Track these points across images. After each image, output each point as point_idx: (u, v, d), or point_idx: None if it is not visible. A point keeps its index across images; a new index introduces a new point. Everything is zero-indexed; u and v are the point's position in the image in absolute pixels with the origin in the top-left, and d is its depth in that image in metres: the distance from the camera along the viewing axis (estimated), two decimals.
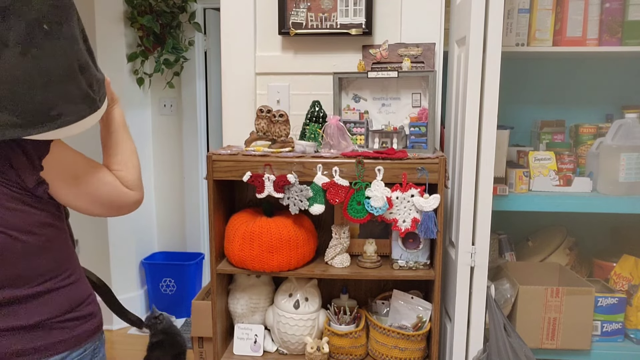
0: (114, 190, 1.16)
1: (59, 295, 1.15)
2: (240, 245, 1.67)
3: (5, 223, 1.03)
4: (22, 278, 1.09)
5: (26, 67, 0.95)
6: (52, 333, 1.13)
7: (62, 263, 1.16)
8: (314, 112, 1.79)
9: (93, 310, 1.22)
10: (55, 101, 0.99)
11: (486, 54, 1.51)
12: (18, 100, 0.95)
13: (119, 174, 1.19)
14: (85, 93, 1.04)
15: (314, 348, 1.68)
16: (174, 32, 3.29)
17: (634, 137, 1.79)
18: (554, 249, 2.08)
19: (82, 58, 1.04)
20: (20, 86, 0.95)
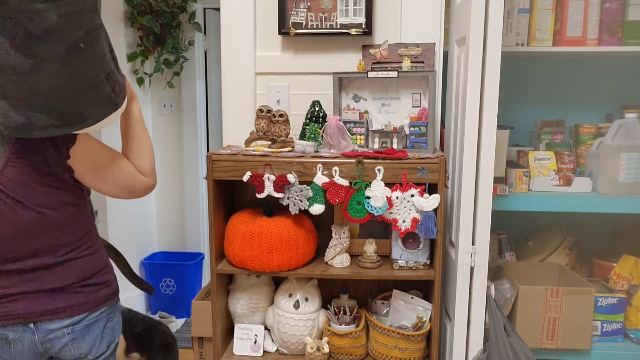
0: (130, 177, 1.35)
1: (79, 264, 1.34)
2: (240, 245, 1.67)
3: (35, 202, 1.23)
4: (48, 248, 1.29)
5: (62, 80, 1.12)
6: (73, 296, 1.34)
7: (83, 236, 1.35)
8: (314, 112, 1.79)
9: (108, 279, 1.42)
10: (84, 107, 1.18)
11: (486, 54, 1.51)
12: (55, 106, 1.14)
13: (135, 162, 1.37)
14: (108, 97, 1.22)
15: (314, 348, 1.68)
16: (174, 32, 3.29)
17: (634, 137, 1.79)
18: (554, 249, 2.08)
19: (108, 68, 1.20)
20: (57, 95, 1.13)
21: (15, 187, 1.21)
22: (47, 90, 1.12)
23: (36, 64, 1.08)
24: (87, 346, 1.37)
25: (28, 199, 1.23)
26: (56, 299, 1.32)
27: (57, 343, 1.34)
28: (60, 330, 1.33)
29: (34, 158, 1.22)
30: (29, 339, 1.33)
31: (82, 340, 1.37)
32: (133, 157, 1.38)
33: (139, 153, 1.39)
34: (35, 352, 1.35)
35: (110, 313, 1.43)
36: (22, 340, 1.33)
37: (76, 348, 1.36)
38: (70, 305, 1.34)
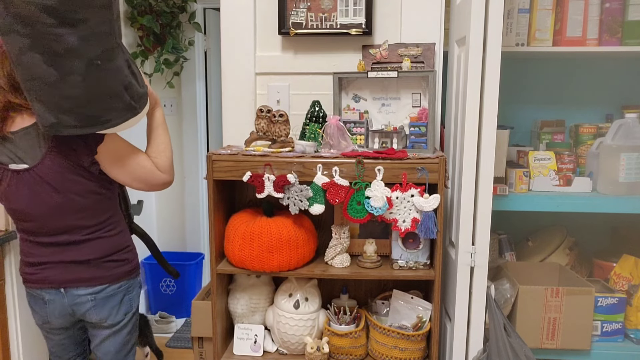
0: (148, 172, 1.60)
1: (102, 242, 1.60)
2: (240, 245, 1.67)
3: (66, 188, 1.51)
4: (76, 227, 1.56)
5: (84, 90, 1.37)
6: (96, 269, 1.60)
7: (106, 220, 1.61)
8: (314, 112, 1.79)
9: (128, 257, 1.67)
10: (105, 112, 1.42)
11: (486, 54, 1.51)
12: (78, 110, 1.39)
13: (155, 160, 1.63)
14: (128, 104, 1.46)
15: (314, 348, 1.68)
16: (174, 32, 3.29)
17: (634, 137, 1.79)
18: (554, 249, 2.08)
19: (125, 80, 1.44)
20: (80, 101, 1.38)
21: (51, 175, 1.49)
22: (72, 97, 1.37)
23: (61, 76, 1.34)
24: (106, 313, 1.63)
25: (60, 185, 1.50)
26: (82, 270, 1.59)
27: (82, 307, 1.61)
28: (85, 296, 1.60)
29: (68, 152, 1.48)
30: (60, 301, 1.61)
31: (102, 308, 1.63)
32: (153, 155, 1.64)
33: (158, 152, 1.65)
34: (65, 312, 1.63)
35: (129, 287, 1.68)
36: (54, 301, 1.61)
37: (97, 313, 1.62)
38: (94, 276, 1.60)
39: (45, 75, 1.34)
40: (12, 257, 2.00)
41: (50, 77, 1.34)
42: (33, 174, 1.49)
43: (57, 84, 1.34)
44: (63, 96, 1.36)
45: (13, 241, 1.99)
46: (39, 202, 1.51)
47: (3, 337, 1.98)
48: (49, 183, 1.49)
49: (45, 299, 1.62)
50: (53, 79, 1.34)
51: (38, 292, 1.62)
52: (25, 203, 1.51)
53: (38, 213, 1.52)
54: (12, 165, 1.49)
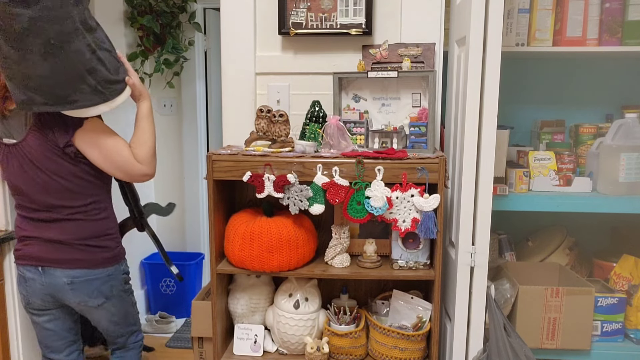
0: (125, 160, 1.66)
1: (83, 224, 1.67)
2: (240, 245, 1.67)
3: (48, 168, 1.61)
4: (59, 206, 1.65)
5: (45, 69, 1.45)
6: (75, 251, 1.66)
7: (89, 204, 1.68)
8: (314, 112, 1.79)
9: (110, 245, 1.73)
10: (70, 92, 1.50)
11: (486, 54, 1.51)
12: (44, 89, 1.47)
13: (134, 150, 1.68)
14: (94, 88, 1.52)
15: (314, 348, 1.68)
16: (174, 32, 3.29)
17: (634, 137, 1.79)
18: (554, 249, 2.08)
19: (88, 64, 1.49)
20: (45, 80, 1.46)
21: (34, 153, 1.60)
22: (35, 76, 1.46)
23: (22, 55, 1.43)
24: (84, 297, 1.70)
25: (43, 165, 1.61)
26: (61, 250, 1.66)
27: (60, 290, 1.67)
28: (61, 278, 1.66)
29: (47, 132, 1.58)
30: (39, 279, 1.67)
31: (80, 292, 1.68)
32: (134, 146, 1.69)
33: (139, 143, 1.69)
34: (43, 292, 1.68)
35: (110, 275, 1.74)
36: (34, 280, 1.68)
37: (75, 296, 1.69)
38: (72, 258, 1.66)
39: (9, 55, 1.44)
40: (12, 257, 1.99)
41: (13, 56, 1.43)
42: (19, 148, 1.62)
43: (21, 63, 1.44)
44: (27, 75, 1.46)
45: (13, 241, 1.99)
46: (27, 178, 1.64)
47: (3, 337, 1.98)
48: (31, 160, 1.62)
49: (26, 276, 1.69)
50: (15, 58, 1.43)
51: (21, 270, 1.71)
52: (15, 176, 1.66)
53: (26, 188, 1.65)
54: (5, 140, 1.65)
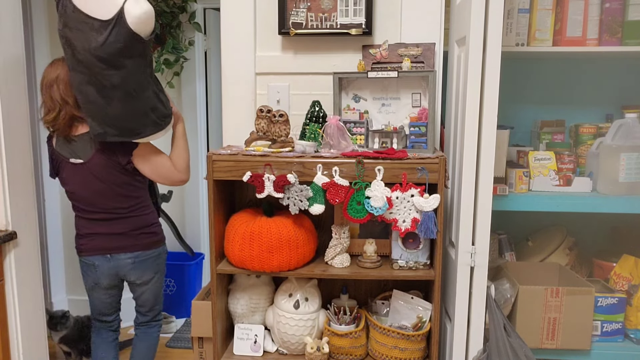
0: (168, 170, 2.11)
1: (135, 219, 2.13)
2: (240, 245, 1.67)
3: (107, 180, 2.04)
4: (115, 207, 2.08)
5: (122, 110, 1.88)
6: (132, 239, 2.13)
7: (137, 203, 2.12)
8: (314, 112, 1.79)
9: (156, 231, 2.22)
10: (137, 126, 1.94)
11: (486, 54, 1.51)
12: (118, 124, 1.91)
13: (174, 161, 2.13)
14: (154, 122, 1.96)
15: (314, 348, 1.68)
16: (174, 32, 3.29)
17: (634, 137, 1.79)
18: (554, 249, 2.08)
19: (152, 104, 1.94)
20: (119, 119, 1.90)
21: (98, 169, 2.03)
22: (113, 115, 1.89)
23: (107, 102, 1.86)
24: (140, 272, 2.18)
25: (105, 178, 2.04)
26: (122, 239, 2.12)
27: (124, 268, 2.14)
28: (126, 260, 2.13)
29: (110, 154, 2.01)
30: (107, 264, 2.12)
31: (138, 269, 2.16)
32: (173, 158, 2.13)
33: (177, 156, 2.14)
34: (111, 273, 2.14)
35: (158, 254, 2.23)
36: (102, 265, 2.12)
37: (134, 273, 2.16)
38: (131, 244, 2.13)
39: (96, 101, 1.87)
40: (12, 257, 2.00)
41: (99, 102, 1.87)
42: (85, 167, 2.03)
43: (104, 107, 1.87)
44: (107, 115, 1.89)
45: (13, 241, 1.99)
46: (87, 188, 2.05)
47: (3, 337, 1.98)
48: (94, 175, 2.03)
49: (95, 264, 2.12)
50: (101, 103, 1.87)
51: (90, 259, 2.12)
52: (77, 187, 2.06)
53: (86, 195, 2.06)
54: (72, 160, 2.03)
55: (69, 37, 1.79)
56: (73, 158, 2.03)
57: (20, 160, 2.05)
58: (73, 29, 1.77)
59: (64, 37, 1.81)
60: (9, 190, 1.98)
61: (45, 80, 1.98)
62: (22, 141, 2.06)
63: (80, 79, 1.85)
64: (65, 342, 2.72)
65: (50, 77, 1.97)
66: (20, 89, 2.05)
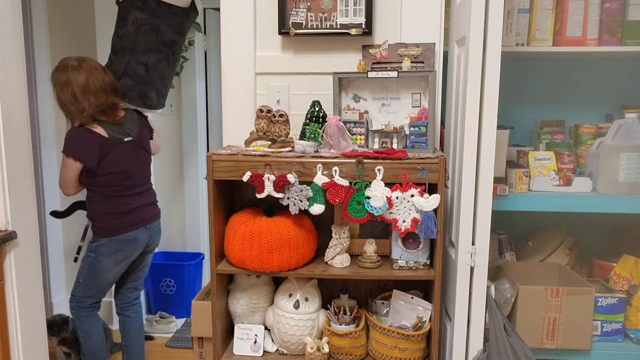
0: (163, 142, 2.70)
1: (153, 189, 2.49)
2: (240, 245, 1.67)
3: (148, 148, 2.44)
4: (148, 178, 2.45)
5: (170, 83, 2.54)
6: (156, 207, 2.51)
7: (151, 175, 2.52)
8: (314, 112, 1.79)
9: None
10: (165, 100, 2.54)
11: (486, 54, 1.51)
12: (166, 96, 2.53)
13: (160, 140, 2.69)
14: None
15: (314, 348, 1.68)
16: None
17: (633, 137, 1.79)
18: (554, 249, 2.08)
19: None
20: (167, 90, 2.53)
21: (144, 140, 2.40)
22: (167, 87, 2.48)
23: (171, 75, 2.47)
24: (159, 239, 2.54)
25: (148, 146, 2.42)
26: (154, 208, 2.47)
27: (156, 235, 2.48)
28: (157, 227, 2.48)
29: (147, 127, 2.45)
30: (146, 234, 2.41)
31: (160, 234, 2.53)
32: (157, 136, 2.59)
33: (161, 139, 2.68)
34: (145, 242, 2.42)
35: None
36: (143, 237, 2.39)
37: (158, 239, 2.52)
38: (158, 212, 2.49)
39: (165, 75, 2.41)
40: (12, 257, 1.99)
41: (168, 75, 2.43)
42: (136, 142, 2.33)
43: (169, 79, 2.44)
44: (166, 86, 2.43)
45: (13, 241, 1.99)
46: (138, 160, 2.34)
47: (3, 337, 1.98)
48: (144, 147, 2.39)
49: (137, 237, 2.35)
50: (169, 76, 2.44)
51: (132, 235, 2.33)
52: (131, 163, 2.30)
53: (137, 169, 2.34)
54: (126, 139, 2.28)
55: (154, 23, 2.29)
56: (126, 137, 2.29)
57: (20, 160, 2.05)
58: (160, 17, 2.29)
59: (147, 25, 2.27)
60: (9, 190, 1.97)
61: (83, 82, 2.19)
62: (22, 141, 2.06)
63: (158, 57, 2.35)
64: (65, 344, 2.72)
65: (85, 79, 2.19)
66: (20, 89, 2.05)
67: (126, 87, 2.33)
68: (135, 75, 2.33)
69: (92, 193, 2.30)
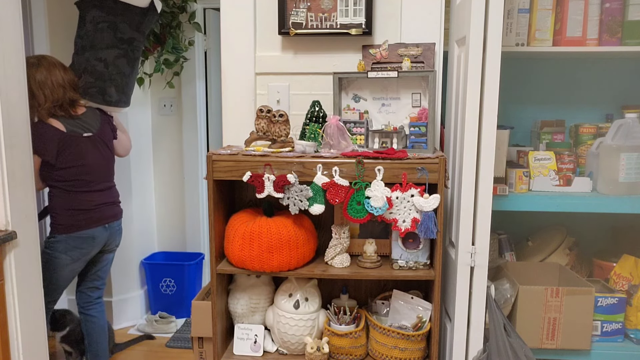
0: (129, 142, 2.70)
1: (115, 189, 2.52)
2: (240, 245, 1.67)
3: (110, 145, 2.47)
4: (111, 176, 2.49)
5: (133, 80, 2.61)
6: (118, 207, 2.53)
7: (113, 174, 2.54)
8: (314, 112, 1.79)
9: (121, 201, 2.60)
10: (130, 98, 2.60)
11: (486, 54, 1.51)
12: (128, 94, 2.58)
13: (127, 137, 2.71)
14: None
15: (314, 348, 1.68)
16: (174, 32, 3.29)
17: (633, 137, 1.79)
18: (554, 249, 2.08)
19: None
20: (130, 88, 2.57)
21: (106, 137, 2.44)
22: (129, 85, 2.52)
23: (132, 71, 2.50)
24: (119, 239, 2.56)
25: (110, 144, 2.46)
26: (115, 208, 2.49)
27: (114, 235, 2.49)
28: (117, 227, 2.50)
29: (109, 124, 2.48)
30: (104, 234, 2.42)
31: (120, 234, 2.55)
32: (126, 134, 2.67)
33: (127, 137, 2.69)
34: (103, 242, 2.44)
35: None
36: (100, 236, 2.40)
37: (118, 239, 2.54)
38: (119, 212, 2.51)
39: (125, 71, 2.46)
40: (12, 257, 1.99)
41: (127, 72, 2.48)
42: (96, 138, 2.37)
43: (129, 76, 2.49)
44: (127, 84, 2.46)
45: (13, 241, 1.99)
46: (100, 157, 2.38)
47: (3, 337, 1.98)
48: (106, 143, 2.42)
49: (94, 236, 2.36)
50: (129, 73, 2.49)
51: (89, 232, 2.34)
52: (90, 158, 2.33)
53: (96, 165, 2.36)
54: (85, 134, 2.32)
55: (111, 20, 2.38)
56: (86, 132, 2.33)
57: (20, 160, 2.05)
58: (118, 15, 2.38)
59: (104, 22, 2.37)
60: (9, 190, 1.97)
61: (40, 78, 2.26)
62: (22, 141, 2.06)
63: (117, 54, 2.42)
64: (67, 342, 2.73)
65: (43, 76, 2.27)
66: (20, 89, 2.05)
67: (87, 84, 2.40)
68: (94, 71, 2.40)
69: (52, 189, 2.33)
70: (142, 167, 3.49)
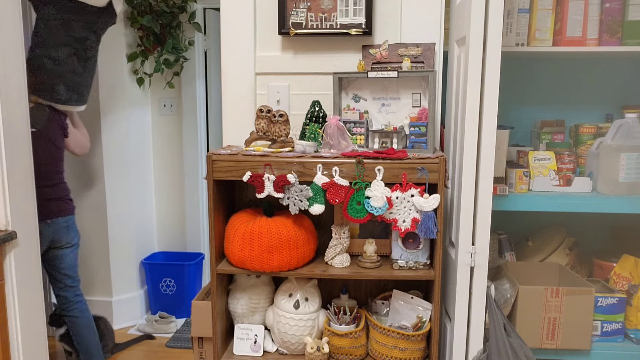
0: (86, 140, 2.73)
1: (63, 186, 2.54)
2: (240, 245, 1.67)
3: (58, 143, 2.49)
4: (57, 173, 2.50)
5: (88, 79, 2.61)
6: (64, 204, 2.51)
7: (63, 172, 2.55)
8: (314, 112, 1.79)
9: (72, 198, 2.59)
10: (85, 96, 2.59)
11: (486, 54, 1.51)
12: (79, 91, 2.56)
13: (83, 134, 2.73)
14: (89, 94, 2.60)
15: (314, 348, 1.68)
16: (174, 32, 3.29)
17: (633, 137, 1.79)
18: (554, 249, 2.08)
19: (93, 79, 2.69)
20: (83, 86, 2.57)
21: (54, 134, 2.47)
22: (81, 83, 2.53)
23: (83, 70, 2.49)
24: (73, 235, 2.55)
25: (57, 142, 2.49)
26: (60, 204, 2.48)
27: (60, 232, 2.47)
28: (62, 224, 2.48)
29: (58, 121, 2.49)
30: (47, 230, 2.39)
31: (71, 231, 2.53)
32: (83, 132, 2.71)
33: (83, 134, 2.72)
34: (47, 240, 2.41)
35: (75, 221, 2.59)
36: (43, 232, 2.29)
37: (66, 236, 2.50)
38: (64, 209, 2.50)
39: (76, 70, 2.48)
40: (12, 257, 1.99)
41: (79, 70, 2.49)
42: (42, 134, 2.39)
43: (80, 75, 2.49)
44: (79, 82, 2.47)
45: (13, 241, 1.99)
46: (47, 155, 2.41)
47: (3, 337, 1.98)
48: (51, 141, 2.44)
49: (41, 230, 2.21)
50: (80, 71, 2.49)
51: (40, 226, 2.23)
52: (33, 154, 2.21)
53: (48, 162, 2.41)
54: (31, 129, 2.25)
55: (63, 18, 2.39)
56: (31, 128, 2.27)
57: (20, 160, 2.05)
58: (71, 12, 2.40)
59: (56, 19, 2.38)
60: (9, 190, 1.97)
61: None
62: (22, 141, 2.06)
63: (68, 52, 2.44)
64: (67, 341, 2.72)
65: None
66: (20, 89, 2.05)
67: (37, 81, 2.41)
68: (44, 69, 2.42)
69: None
70: (142, 167, 3.49)
